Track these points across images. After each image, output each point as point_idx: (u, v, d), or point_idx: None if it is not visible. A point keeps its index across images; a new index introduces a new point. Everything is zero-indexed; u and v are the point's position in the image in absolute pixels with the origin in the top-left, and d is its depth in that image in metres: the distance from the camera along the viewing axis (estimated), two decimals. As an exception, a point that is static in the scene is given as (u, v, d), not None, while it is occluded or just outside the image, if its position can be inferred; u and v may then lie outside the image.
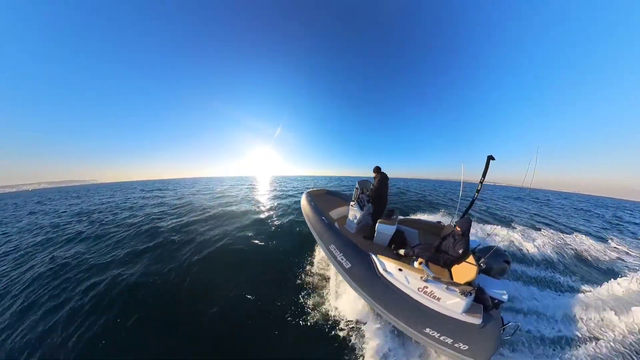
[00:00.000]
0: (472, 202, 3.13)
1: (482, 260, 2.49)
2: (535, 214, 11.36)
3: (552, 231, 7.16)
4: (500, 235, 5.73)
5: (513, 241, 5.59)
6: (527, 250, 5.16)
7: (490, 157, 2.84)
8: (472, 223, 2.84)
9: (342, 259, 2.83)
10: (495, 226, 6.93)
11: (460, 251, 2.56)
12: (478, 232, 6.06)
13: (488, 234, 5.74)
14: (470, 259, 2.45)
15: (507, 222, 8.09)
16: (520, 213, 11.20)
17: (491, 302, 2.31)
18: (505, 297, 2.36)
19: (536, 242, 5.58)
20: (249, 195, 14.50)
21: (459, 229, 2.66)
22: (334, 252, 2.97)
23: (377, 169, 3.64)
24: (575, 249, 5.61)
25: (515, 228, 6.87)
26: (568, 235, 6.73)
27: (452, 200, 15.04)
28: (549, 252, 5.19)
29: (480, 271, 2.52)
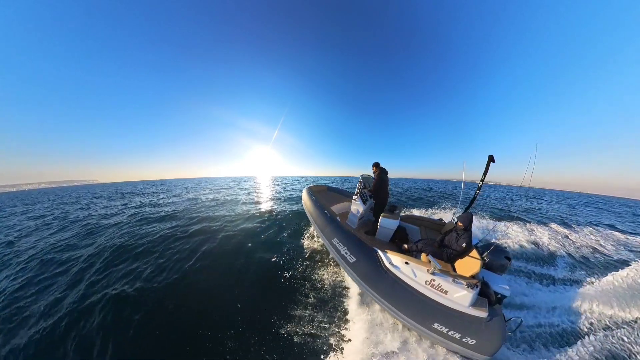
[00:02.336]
0: (473, 200, 3.19)
1: (485, 254, 2.51)
2: (570, 214, 11.10)
3: (558, 228, 7.20)
4: (501, 232, 5.83)
5: (514, 238, 5.66)
6: (528, 247, 5.22)
7: (491, 158, 2.93)
8: (473, 219, 2.87)
9: (346, 253, 2.77)
10: (496, 223, 6.99)
11: (464, 245, 2.58)
12: (478, 229, 6.12)
13: (488, 230, 5.84)
14: (474, 253, 2.46)
15: (508, 219, 8.01)
16: (519, 210, 11.13)
17: (495, 297, 2.32)
18: (508, 291, 2.37)
19: (537, 239, 5.68)
20: (223, 213, 8.33)
21: (461, 224, 2.69)
22: (337, 245, 2.90)
23: (376, 164, 3.71)
24: (586, 244, 5.69)
25: (516, 225, 6.92)
26: (578, 231, 6.86)
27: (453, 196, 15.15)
28: (552, 248, 5.27)
29: (483, 266, 2.54)
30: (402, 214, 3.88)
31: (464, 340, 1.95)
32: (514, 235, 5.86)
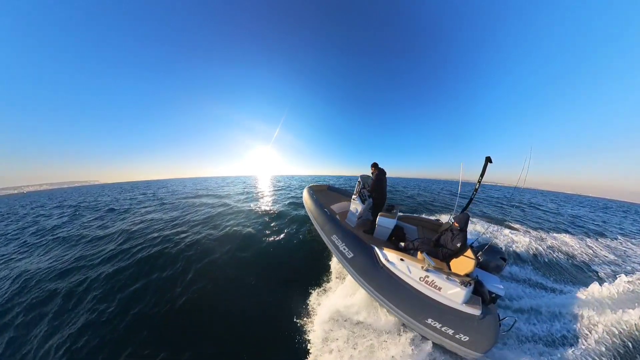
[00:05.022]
0: (470, 201, 3.23)
1: (480, 254, 2.56)
2: (604, 222, 10.67)
3: (555, 232, 7.13)
4: (498, 234, 5.81)
5: (510, 240, 5.65)
6: (524, 250, 5.20)
7: (488, 159, 2.96)
8: (469, 221, 2.92)
9: (344, 249, 2.85)
10: (492, 225, 6.95)
11: (459, 245, 2.63)
12: (475, 229, 6.15)
13: (482, 231, 5.86)
14: (469, 252, 2.51)
15: (503, 222, 7.92)
16: (518, 212, 10.98)
17: (489, 295, 2.36)
18: (502, 291, 2.41)
19: (534, 242, 5.65)
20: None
21: (457, 224, 2.73)
22: (336, 242, 2.98)
23: (375, 165, 3.77)
24: (577, 250, 5.66)
25: (513, 227, 6.87)
26: (573, 237, 6.78)
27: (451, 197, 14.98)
28: (546, 252, 5.25)
29: (478, 266, 2.58)
30: (400, 213, 3.93)
31: (457, 336, 2.00)
32: (512, 237, 5.84)
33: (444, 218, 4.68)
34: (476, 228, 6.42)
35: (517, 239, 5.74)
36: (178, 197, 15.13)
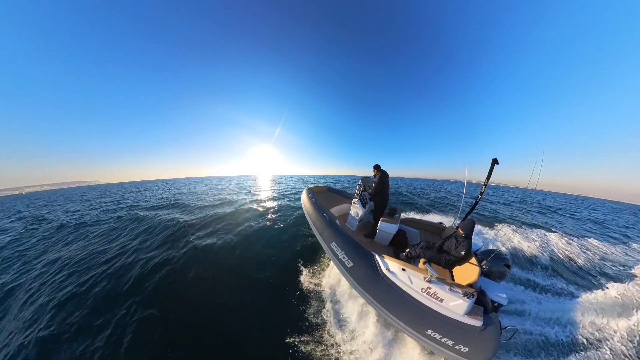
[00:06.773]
0: (475, 204, 3.12)
1: (484, 262, 2.48)
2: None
3: (556, 235, 6.94)
4: (501, 238, 5.67)
5: (514, 244, 5.51)
6: (529, 255, 5.08)
7: (495, 161, 2.84)
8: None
9: (343, 258, 2.78)
10: (496, 229, 6.76)
11: (463, 252, 2.54)
12: (479, 234, 5.99)
13: (488, 236, 5.70)
14: (473, 260, 2.43)
15: (507, 225, 7.66)
16: (522, 215, 10.54)
17: (491, 304, 2.29)
18: (505, 300, 2.34)
19: (538, 246, 5.53)
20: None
21: (461, 231, 2.64)
22: (335, 250, 2.92)
23: (377, 167, 3.66)
24: (582, 254, 5.52)
25: (517, 231, 6.67)
26: (575, 240, 6.59)
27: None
28: (550, 256, 5.12)
29: (481, 274, 2.50)
30: (402, 216, 3.84)
31: (456, 347, 1.96)
32: (517, 242, 5.69)
33: (446, 220, 4.56)
34: (482, 233, 6.23)
35: (527, 243, 5.60)
36: (147, 207, 11.41)
